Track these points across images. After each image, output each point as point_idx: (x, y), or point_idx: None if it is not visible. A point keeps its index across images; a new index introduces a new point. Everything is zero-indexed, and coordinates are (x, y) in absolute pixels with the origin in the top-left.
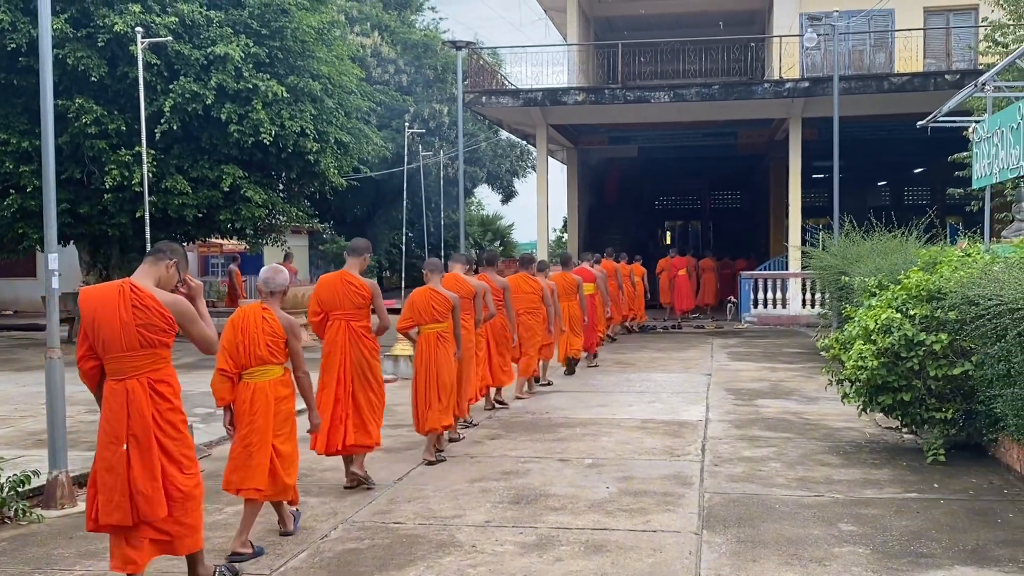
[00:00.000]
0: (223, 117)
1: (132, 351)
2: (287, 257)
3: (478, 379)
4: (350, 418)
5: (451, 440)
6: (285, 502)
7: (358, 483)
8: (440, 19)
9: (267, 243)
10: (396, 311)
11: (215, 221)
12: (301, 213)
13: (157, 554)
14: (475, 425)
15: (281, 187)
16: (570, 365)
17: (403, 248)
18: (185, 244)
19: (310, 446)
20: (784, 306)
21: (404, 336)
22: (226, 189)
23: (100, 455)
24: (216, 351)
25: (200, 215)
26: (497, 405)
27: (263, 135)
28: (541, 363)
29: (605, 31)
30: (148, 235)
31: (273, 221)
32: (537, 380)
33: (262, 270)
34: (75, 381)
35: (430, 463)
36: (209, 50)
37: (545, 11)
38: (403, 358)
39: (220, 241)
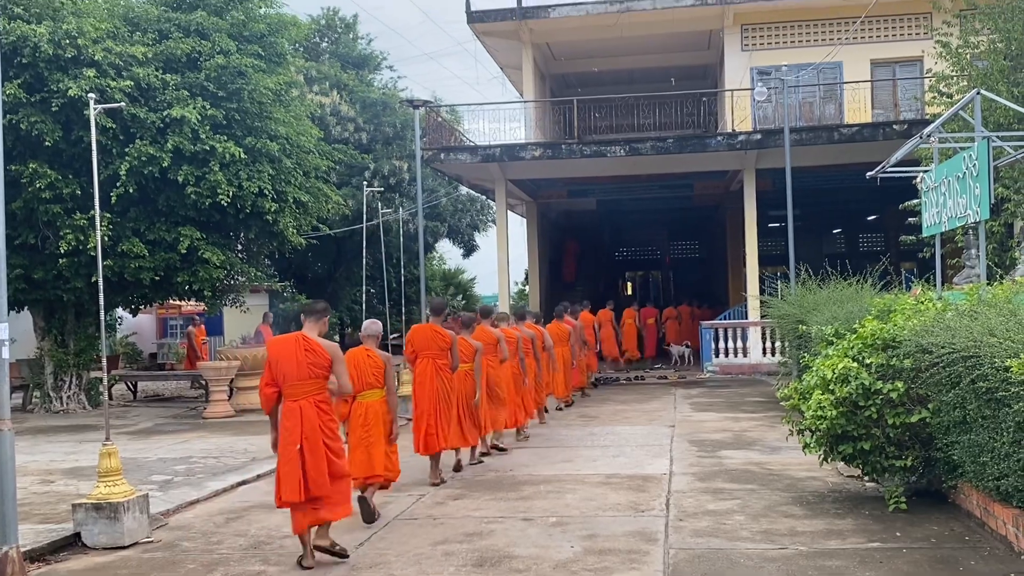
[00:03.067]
0: (180, 179)
1: (303, 381)
2: (265, 318)
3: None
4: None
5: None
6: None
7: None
8: (398, 77)
9: (226, 304)
10: None
11: (172, 283)
12: (260, 273)
13: (319, 521)
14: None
15: (240, 247)
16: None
17: (363, 304)
18: (142, 307)
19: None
20: (745, 355)
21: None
22: (183, 251)
23: (281, 454)
24: (350, 389)
25: (157, 278)
26: (494, 451)
27: (220, 196)
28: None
29: (561, 87)
30: (103, 300)
31: (232, 282)
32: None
33: (364, 323)
34: (26, 451)
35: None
36: (165, 113)
37: (502, 69)
38: None
39: (179, 303)
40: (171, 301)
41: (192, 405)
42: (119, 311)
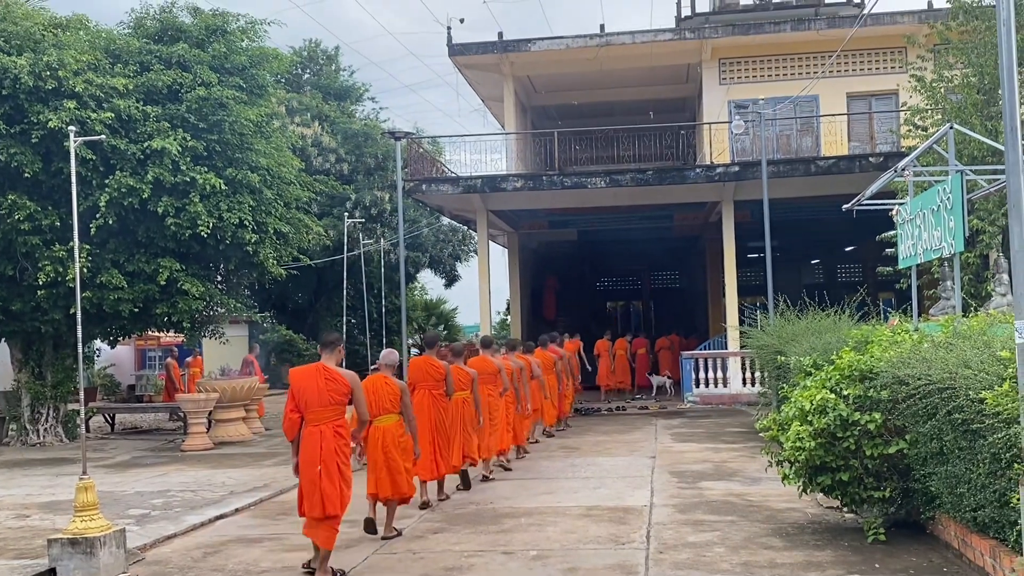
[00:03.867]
0: (160, 210)
1: (324, 407)
2: (252, 349)
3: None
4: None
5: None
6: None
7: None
8: (380, 109)
9: (205, 335)
10: None
11: (151, 315)
12: (239, 304)
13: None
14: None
15: (219, 278)
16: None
17: (344, 335)
18: (121, 339)
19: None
20: (725, 385)
21: None
22: (163, 282)
23: (303, 474)
24: (366, 415)
25: (136, 309)
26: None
27: (200, 227)
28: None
29: (542, 119)
30: (81, 332)
31: (211, 313)
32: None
33: (382, 352)
34: (1, 485)
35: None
36: (146, 144)
37: (483, 100)
38: None
39: (158, 334)
40: (150, 332)
41: (170, 438)
42: (97, 343)
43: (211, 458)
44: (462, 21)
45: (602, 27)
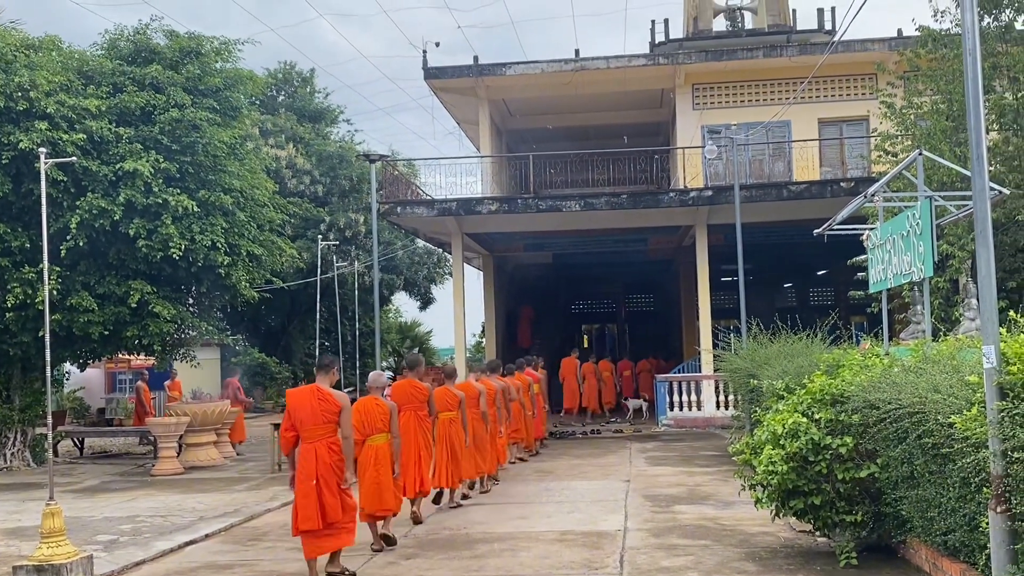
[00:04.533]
0: (131, 232)
1: (317, 426)
2: (233, 371)
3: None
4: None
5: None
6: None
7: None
8: (355, 131)
9: (176, 358)
10: None
11: (122, 337)
12: (211, 327)
13: (329, 549)
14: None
15: (191, 301)
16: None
17: (316, 358)
18: (90, 362)
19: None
20: (699, 408)
21: None
22: (133, 305)
23: (299, 489)
24: (350, 433)
25: (106, 332)
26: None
27: (172, 250)
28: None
29: (517, 142)
30: (50, 355)
31: (182, 336)
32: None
33: (371, 375)
34: None
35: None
36: (118, 166)
37: (458, 124)
38: None
39: (128, 357)
40: (120, 355)
41: (140, 462)
42: (67, 365)
43: (181, 483)
44: (437, 45)
45: (577, 52)
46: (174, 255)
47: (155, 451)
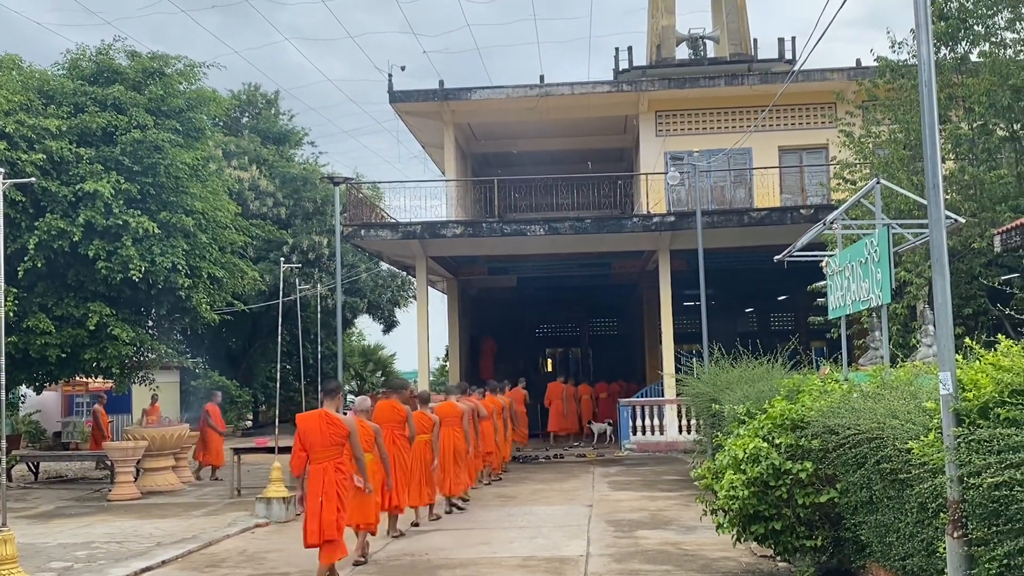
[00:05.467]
0: (91, 254)
1: (326, 448)
2: (213, 397)
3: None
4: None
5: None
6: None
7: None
8: (320, 153)
9: (135, 381)
10: (271, 450)
11: (80, 360)
12: (171, 350)
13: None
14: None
15: (151, 323)
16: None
17: (278, 381)
18: (47, 384)
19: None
20: (662, 432)
21: None
22: (92, 327)
23: (308, 506)
24: (362, 454)
25: (64, 355)
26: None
27: (132, 271)
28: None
29: (482, 166)
30: (4, 378)
31: (141, 359)
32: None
33: (356, 400)
34: None
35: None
36: (78, 187)
37: (424, 147)
38: (276, 500)
39: (86, 380)
40: (78, 378)
41: (97, 487)
42: (22, 388)
43: (138, 508)
44: (403, 69)
45: (542, 78)
46: (134, 277)
47: (112, 476)
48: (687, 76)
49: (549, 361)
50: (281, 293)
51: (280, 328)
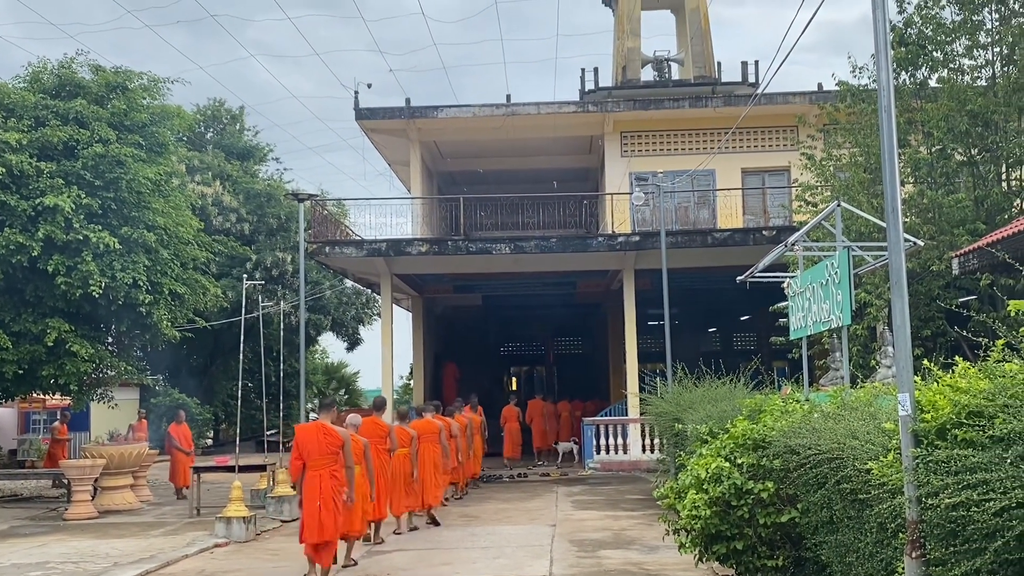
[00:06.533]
0: (50, 269)
1: (323, 456)
2: (178, 417)
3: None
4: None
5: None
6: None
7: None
8: (285, 169)
9: (94, 399)
10: (231, 469)
11: (37, 377)
12: (130, 367)
13: (324, 562)
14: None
15: (110, 340)
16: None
17: (239, 399)
18: (3, 401)
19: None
20: (626, 451)
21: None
22: (50, 343)
23: (306, 508)
24: (352, 463)
25: (21, 371)
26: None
27: (92, 287)
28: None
29: (448, 184)
30: None
31: (100, 376)
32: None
33: (348, 417)
34: None
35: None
36: (38, 201)
37: (389, 164)
38: (236, 519)
39: (43, 396)
40: (35, 395)
41: (53, 505)
42: None
43: (95, 527)
44: (369, 87)
45: (508, 97)
46: (94, 293)
47: (69, 494)
48: (652, 98)
49: (514, 380)
50: (244, 310)
51: (242, 345)
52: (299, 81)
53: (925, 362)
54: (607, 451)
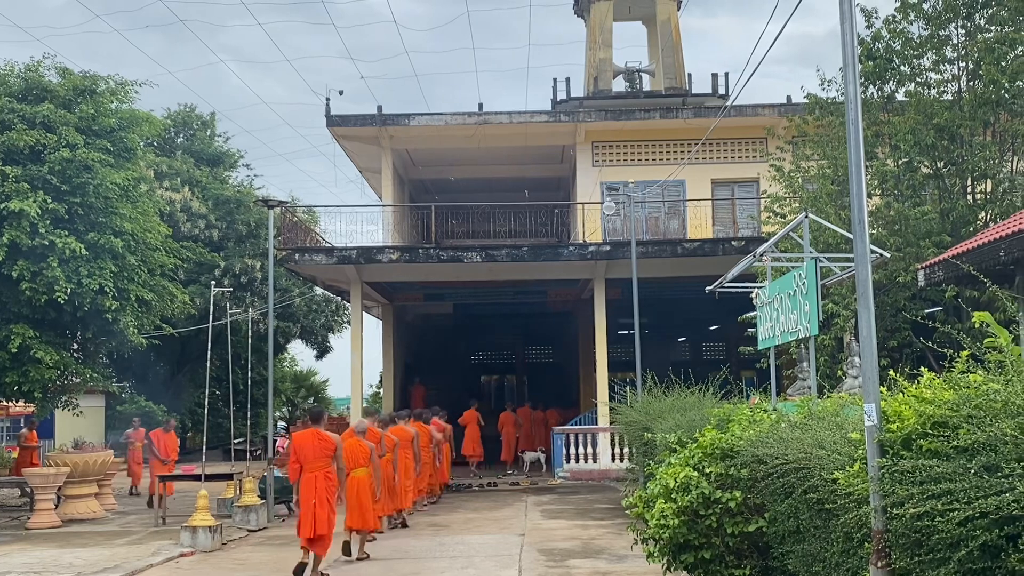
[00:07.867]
0: (14, 274)
1: (317, 459)
2: (168, 426)
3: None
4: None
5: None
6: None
7: None
8: (255, 176)
9: (58, 406)
10: (197, 477)
11: (1, 384)
12: (96, 374)
13: (318, 552)
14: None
15: (76, 346)
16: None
17: (207, 406)
18: None
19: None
20: (595, 460)
21: None
22: (14, 350)
23: (303, 508)
24: (343, 465)
25: None
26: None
27: (58, 293)
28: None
29: (419, 192)
30: None
31: (65, 383)
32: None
33: (353, 422)
34: None
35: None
36: (3, 205)
37: (361, 172)
38: (202, 528)
39: (6, 404)
40: None
41: (15, 514)
42: None
43: (59, 536)
44: (341, 93)
45: (480, 106)
46: (59, 299)
47: (31, 503)
48: (623, 108)
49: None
50: (211, 317)
51: (210, 353)
52: (271, 87)
53: (891, 373)
54: (577, 460)
